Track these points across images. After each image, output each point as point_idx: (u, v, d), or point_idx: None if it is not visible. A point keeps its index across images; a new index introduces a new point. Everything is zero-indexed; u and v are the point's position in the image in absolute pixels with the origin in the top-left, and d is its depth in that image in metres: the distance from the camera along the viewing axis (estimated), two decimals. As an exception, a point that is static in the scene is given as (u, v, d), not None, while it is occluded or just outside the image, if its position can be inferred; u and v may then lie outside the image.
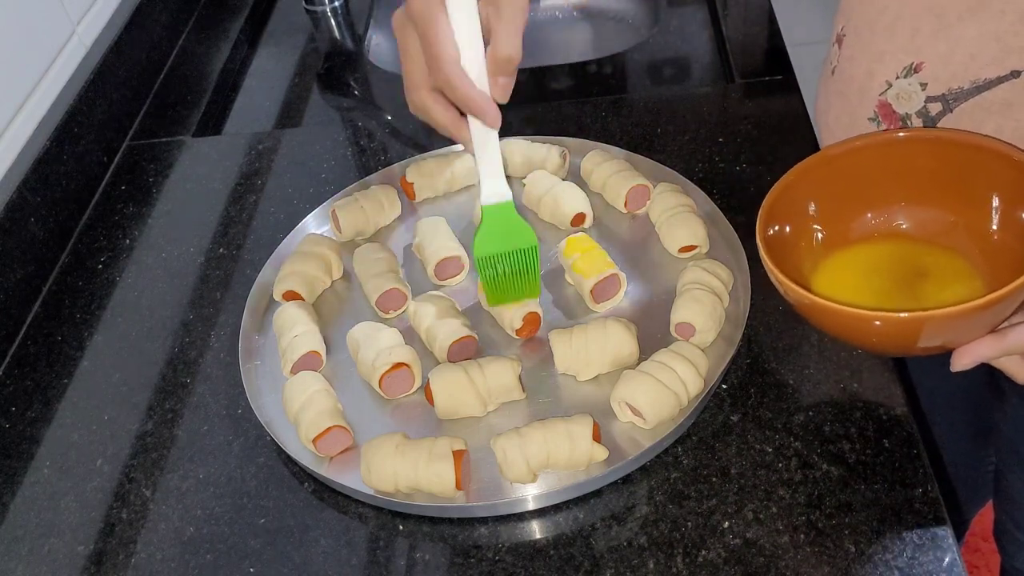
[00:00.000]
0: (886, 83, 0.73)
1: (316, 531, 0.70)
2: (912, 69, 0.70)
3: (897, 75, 0.72)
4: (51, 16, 1.05)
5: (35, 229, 0.95)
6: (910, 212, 0.66)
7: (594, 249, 0.83)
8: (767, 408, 0.73)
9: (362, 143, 1.10)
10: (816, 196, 0.65)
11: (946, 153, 0.63)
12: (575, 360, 0.76)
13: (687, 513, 0.68)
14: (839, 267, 0.66)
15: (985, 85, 0.67)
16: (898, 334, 0.55)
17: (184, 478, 0.75)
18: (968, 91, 0.68)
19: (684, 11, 1.24)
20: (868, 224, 0.67)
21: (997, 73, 0.66)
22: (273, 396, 0.79)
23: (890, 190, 0.66)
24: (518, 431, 0.70)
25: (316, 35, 1.32)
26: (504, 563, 0.67)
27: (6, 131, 0.96)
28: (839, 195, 0.66)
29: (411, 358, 0.77)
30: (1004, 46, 0.64)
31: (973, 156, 0.62)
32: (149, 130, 1.15)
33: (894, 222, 0.67)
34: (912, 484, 0.67)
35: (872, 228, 0.67)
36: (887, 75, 0.72)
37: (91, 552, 0.72)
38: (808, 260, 0.66)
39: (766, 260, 0.59)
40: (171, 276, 0.94)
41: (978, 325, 0.55)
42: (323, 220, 0.95)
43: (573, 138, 0.98)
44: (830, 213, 0.66)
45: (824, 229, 0.66)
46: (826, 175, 0.65)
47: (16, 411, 0.84)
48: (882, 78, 0.73)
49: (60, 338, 0.90)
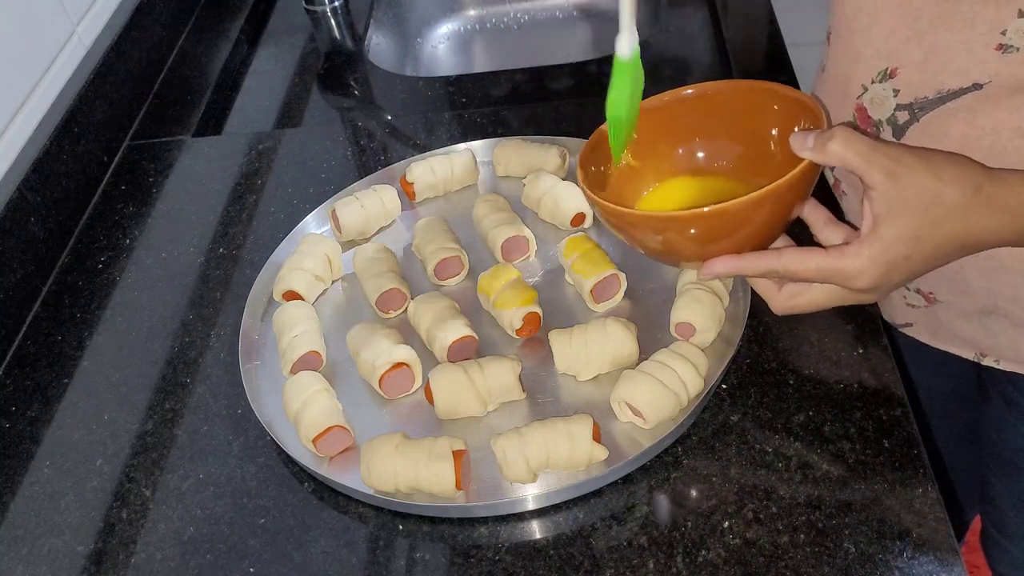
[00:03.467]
0: (862, 87, 0.73)
1: (316, 531, 0.70)
2: (887, 74, 0.71)
3: (872, 79, 0.72)
4: (51, 16, 1.05)
5: (35, 229, 0.95)
6: (712, 151, 0.73)
7: (594, 249, 0.83)
8: (767, 408, 0.73)
9: (362, 143, 1.09)
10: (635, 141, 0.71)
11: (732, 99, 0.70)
12: (575, 360, 0.76)
13: (687, 513, 0.68)
14: (656, 199, 0.73)
15: (949, 96, 0.68)
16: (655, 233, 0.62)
17: (184, 478, 0.75)
18: (933, 101, 0.69)
19: (684, 11, 1.24)
20: (680, 162, 0.73)
21: (961, 84, 0.67)
22: (273, 396, 0.79)
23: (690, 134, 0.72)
24: (518, 431, 0.70)
25: (316, 35, 1.32)
26: (504, 563, 0.67)
27: (6, 131, 0.96)
28: (651, 140, 0.71)
29: (411, 358, 0.77)
30: (972, 56, 0.65)
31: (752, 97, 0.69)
32: (149, 130, 1.15)
33: (696, 158, 0.73)
34: (912, 484, 0.67)
35: (684, 166, 0.73)
36: (863, 79, 0.73)
37: (91, 552, 0.72)
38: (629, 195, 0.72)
39: (584, 187, 0.65)
40: (171, 276, 0.94)
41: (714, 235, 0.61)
42: (323, 220, 0.95)
43: (573, 138, 0.98)
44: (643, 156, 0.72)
45: (639, 167, 0.72)
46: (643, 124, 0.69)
47: (16, 411, 0.83)
48: (858, 81, 0.74)
49: (60, 338, 0.90)
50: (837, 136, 0.57)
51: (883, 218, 0.57)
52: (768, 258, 0.61)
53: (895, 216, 0.57)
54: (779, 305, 0.65)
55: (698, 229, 0.60)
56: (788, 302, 0.65)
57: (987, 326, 0.80)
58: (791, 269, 0.60)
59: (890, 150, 0.57)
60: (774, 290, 0.65)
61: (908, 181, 0.56)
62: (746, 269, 0.62)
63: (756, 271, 0.62)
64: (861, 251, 0.58)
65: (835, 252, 0.59)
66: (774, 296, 0.65)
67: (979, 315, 0.79)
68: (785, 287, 0.65)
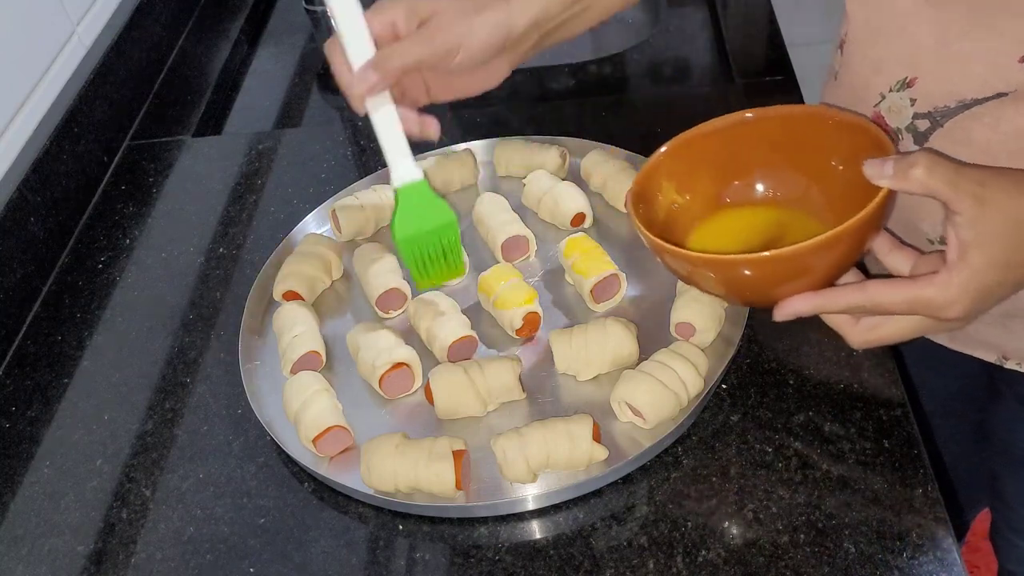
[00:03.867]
0: (880, 95, 0.73)
1: (316, 531, 0.70)
2: (905, 83, 0.70)
3: (891, 87, 0.72)
4: (51, 16, 1.05)
5: (35, 229, 0.95)
6: (768, 180, 0.70)
7: (594, 249, 0.83)
8: (767, 408, 0.73)
9: (362, 143, 1.10)
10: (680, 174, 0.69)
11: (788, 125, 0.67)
12: (575, 360, 0.76)
13: (687, 513, 0.68)
14: (710, 232, 0.70)
15: (971, 104, 0.67)
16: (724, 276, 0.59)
17: (184, 478, 0.75)
18: (955, 109, 0.68)
19: (684, 11, 1.24)
20: (736, 193, 0.71)
21: (983, 94, 0.66)
22: (273, 396, 0.79)
23: (748, 162, 0.70)
24: (518, 431, 0.70)
25: (316, 35, 1.32)
26: (504, 563, 0.67)
27: (6, 131, 0.96)
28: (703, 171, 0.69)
29: (411, 358, 0.77)
30: (995, 67, 0.65)
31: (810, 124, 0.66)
32: (149, 130, 1.15)
33: (758, 191, 0.71)
34: (912, 484, 0.67)
35: (740, 196, 0.71)
36: (882, 87, 0.72)
37: (91, 552, 0.72)
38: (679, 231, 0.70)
39: (637, 224, 0.63)
40: (171, 276, 0.94)
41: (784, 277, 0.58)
42: (323, 220, 0.95)
43: (573, 138, 0.98)
44: (696, 188, 0.70)
45: (691, 203, 0.70)
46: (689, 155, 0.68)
47: (16, 411, 0.83)
48: (877, 89, 0.73)
49: (60, 338, 0.90)
50: (921, 163, 0.54)
51: (972, 245, 0.55)
52: (852, 293, 0.58)
53: (984, 243, 0.55)
54: (857, 339, 0.62)
55: (778, 270, 0.57)
56: (867, 335, 0.61)
57: (1010, 328, 0.79)
58: (877, 302, 0.57)
59: (974, 174, 0.55)
60: (850, 323, 0.62)
61: (996, 206, 0.54)
62: (829, 306, 0.59)
63: (840, 307, 0.59)
64: (951, 280, 0.55)
65: (923, 282, 0.56)
66: (851, 330, 0.62)
67: (1002, 318, 0.79)
68: (864, 319, 0.61)
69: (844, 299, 0.58)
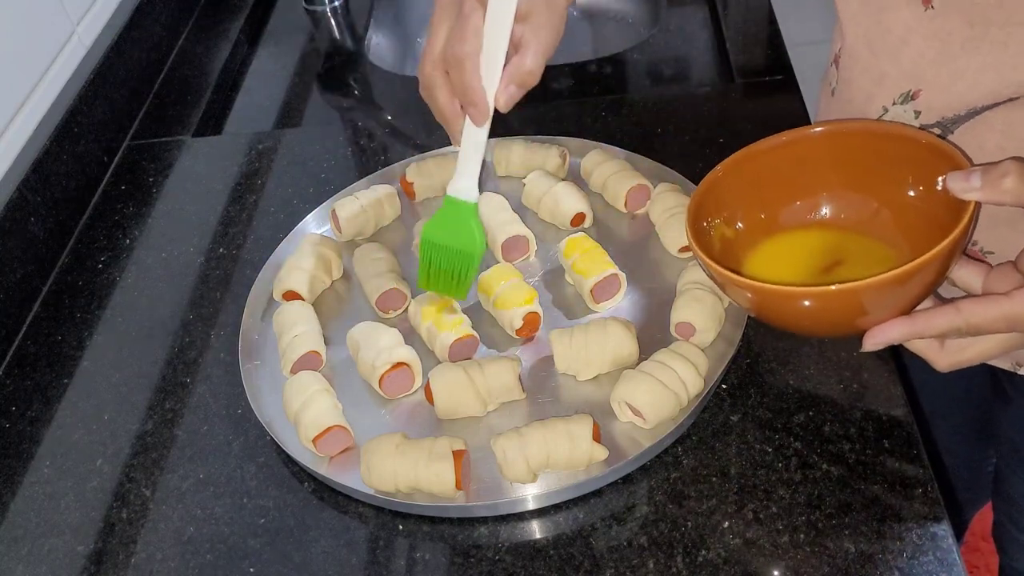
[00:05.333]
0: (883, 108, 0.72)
1: (316, 531, 0.70)
2: (909, 96, 0.70)
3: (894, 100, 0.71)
4: (51, 16, 1.05)
5: (35, 229, 0.95)
6: (834, 202, 0.67)
7: (594, 249, 0.83)
8: (767, 408, 0.73)
9: (362, 143, 1.10)
10: (742, 190, 0.66)
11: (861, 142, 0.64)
12: (575, 360, 0.76)
13: (687, 513, 0.68)
14: (766, 257, 0.67)
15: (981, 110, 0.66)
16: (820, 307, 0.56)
17: (184, 478, 0.75)
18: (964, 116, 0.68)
19: (684, 11, 1.24)
20: (795, 214, 0.68)
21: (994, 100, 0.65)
22: (273, 396, 0.79)
23: (813, 182, 0.67)
24: (518, 431, 0.70)
25: (316, 35, 1.32)
26: (504, 563, 0.67)
27: (6, 131, 0.96)
28: (765, 188, 0.67)
29: (411, 358, 0.77)
30: (1001, 78, 0.64)
31: (886, 143, 0.63)
32: (149, 130, 1.15)
33: (819, 212, 0.67)
34: (912, 484, 0.67)
35: (798, 218, 0.68)
36: (884, 100, 0.72)
37: (91, 552, 0.72)
38: (738, 251, 0.67)
39: (695, 247, 0.60)
40: (171, 276, 0.94)
41: (881, 304, 0.55)
42: (323, 220, 0.95)
43: (573, 138, 0.98)
44: (756, 206, 0.67)
45: (750, 221, 0.67)
46: (752, 170, 0.66)
47: (16, 411, 0.84)
48: (879, 103, 0.72)
49: (60, 338, 0.90)
50: (1012, 171, 0.52)
51: None
52: (946, 315, 0.55)
53: None
54: (945, 362, 0.59)
55: (875, 297, 0.54)
56: (954, 357, 0.59)
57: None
58: (974, 323, 0.54)
59: None
60: (935, 348, 0.59)
61: None
62: (924, 331, 0.55)
63: (935, 332, 0.56)
64: None
65: (1018, 296, 0.54)
66: (937, 353, 0.59)
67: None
68: (949, 342, 0.59)
69: (939, 322, 0.55)
